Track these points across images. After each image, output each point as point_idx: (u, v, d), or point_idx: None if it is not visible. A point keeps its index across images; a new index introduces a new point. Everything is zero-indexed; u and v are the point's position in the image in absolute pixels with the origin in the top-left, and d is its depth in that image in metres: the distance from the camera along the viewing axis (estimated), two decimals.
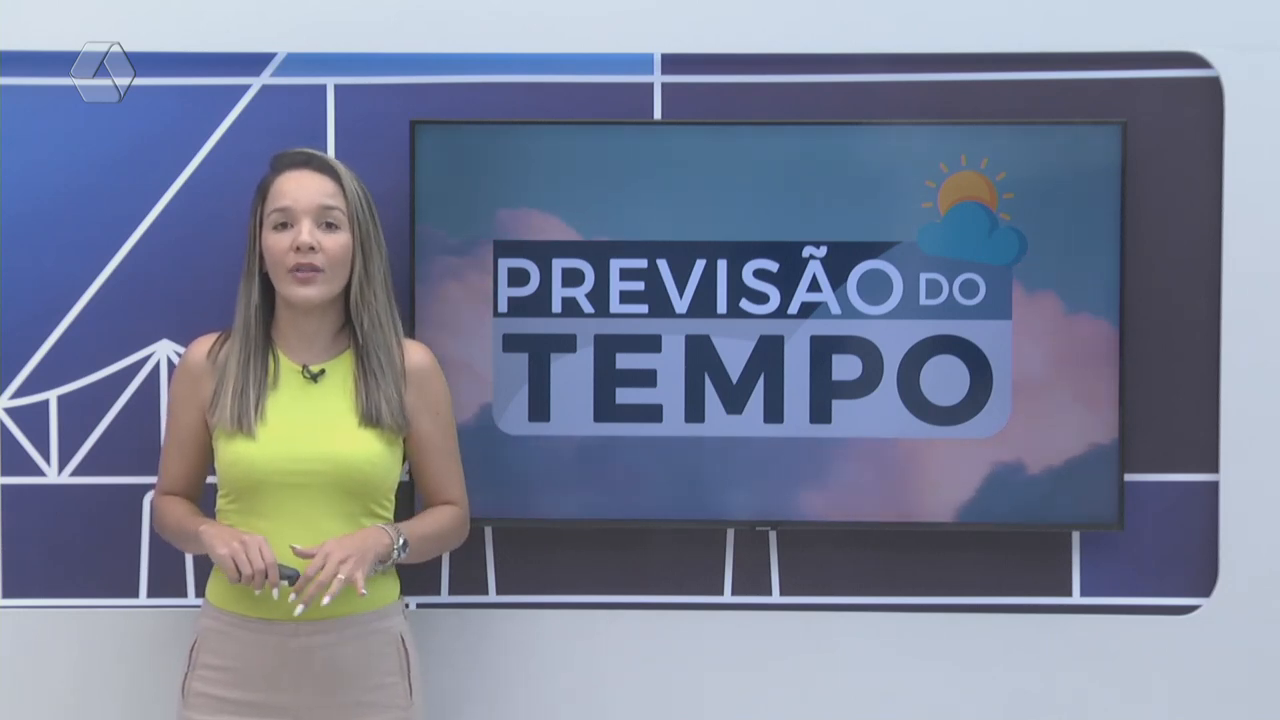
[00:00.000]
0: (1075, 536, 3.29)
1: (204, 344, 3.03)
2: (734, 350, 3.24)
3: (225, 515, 2.98)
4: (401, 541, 2.95)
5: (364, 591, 2.84)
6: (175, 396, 3.05)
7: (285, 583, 2.84)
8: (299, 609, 2.83)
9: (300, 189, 2.96)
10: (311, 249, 2.93)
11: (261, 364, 2.97)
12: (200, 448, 3.04)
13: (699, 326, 3.24)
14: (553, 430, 3.24)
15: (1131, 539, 3.29)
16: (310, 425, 2.96)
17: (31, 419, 3.27)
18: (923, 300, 3.23)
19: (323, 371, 3.00)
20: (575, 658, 3.30)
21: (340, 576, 2.83)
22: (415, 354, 3.05)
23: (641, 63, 3.27)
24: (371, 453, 2.96)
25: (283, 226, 2.95)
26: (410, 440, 3.03)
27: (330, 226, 2.96)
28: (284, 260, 2.94)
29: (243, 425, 2.94)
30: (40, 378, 3.27)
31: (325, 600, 2.83)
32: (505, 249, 3.23)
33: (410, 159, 3.21)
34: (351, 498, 2.95)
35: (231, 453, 2.94)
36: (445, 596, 3.31)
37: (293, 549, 2.86)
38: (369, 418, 2.96)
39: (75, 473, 3.28)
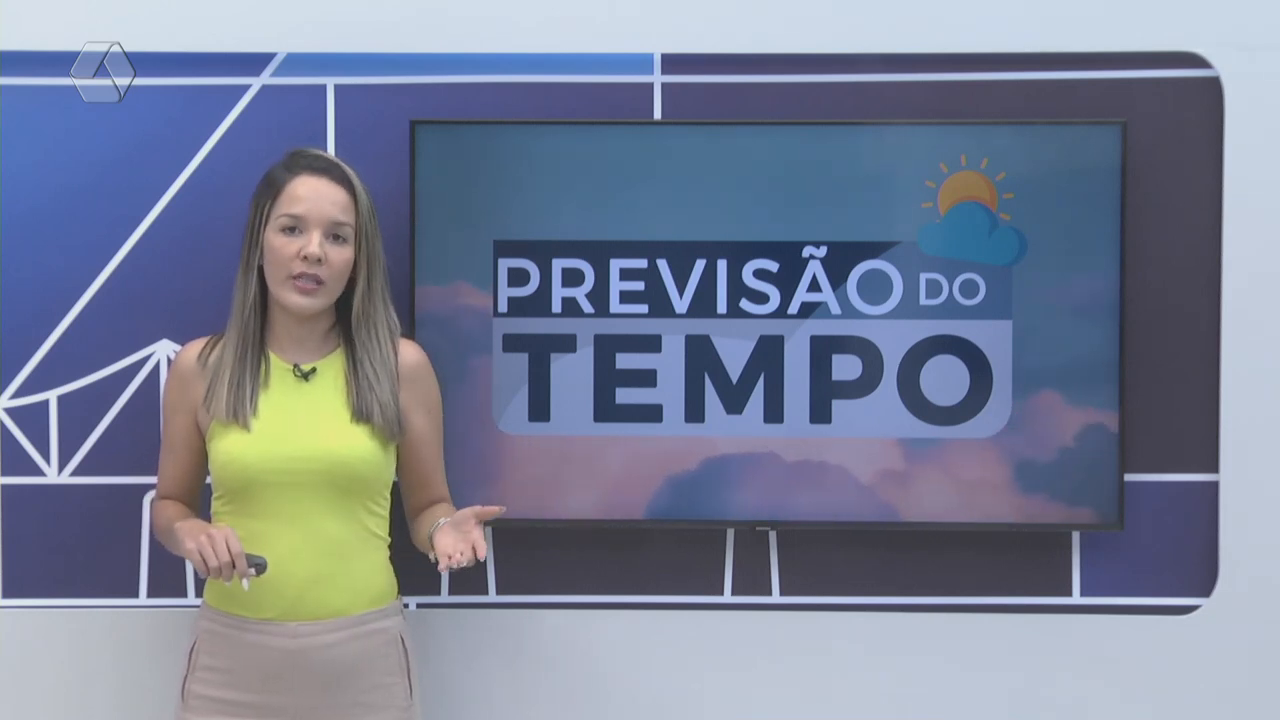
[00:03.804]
0: (1075, 536, 3.29)
1: (194, 348, 3.04)
2: (734, 350, 3.24)
3: (220, 517, 2.98)
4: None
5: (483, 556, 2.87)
6: (167, 400, 3.06)
7: (253, 571, 2.83)
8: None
9: (317, 197, 2.95)
10: (318, 261, 2.93)
11: (255, 360, 2.98)
12: (193, 451, 3.04)
13: (699, 326, 3.24)
14: (553, 430, 3.24)
15: (1131, 539, 3.28)
16: (302, 423, 2.96)
17: (31, 419, 3.27)
18: (923, 300, 3.23)
19: (314, 370, 3.00)
20: (575, 657, 3.30)
21: (480, 558, 2.86)
22: (408, 353, 3.05)
23: (641, 63, 3.27)
24: (364, 449, 2.96)
25: (291, 231, 2.95)
26: (403, 439, 3.03)
27: (338, 239, 2.96)
28: (288, 266, 2.94)
29: (238, 417, 2.94)
30: (40, 378, 3.27)
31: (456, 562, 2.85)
32: (505, 249, 3.24)
33: (410, 159, 3.21)
34: (346, 495, 2.95)
35: (224, 451, 2.94)
36: (445, 596, 3.31)
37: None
38: (360, 414, 2.96)
39: (75, 473, 3.28)
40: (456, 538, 2.88)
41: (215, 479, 2.99)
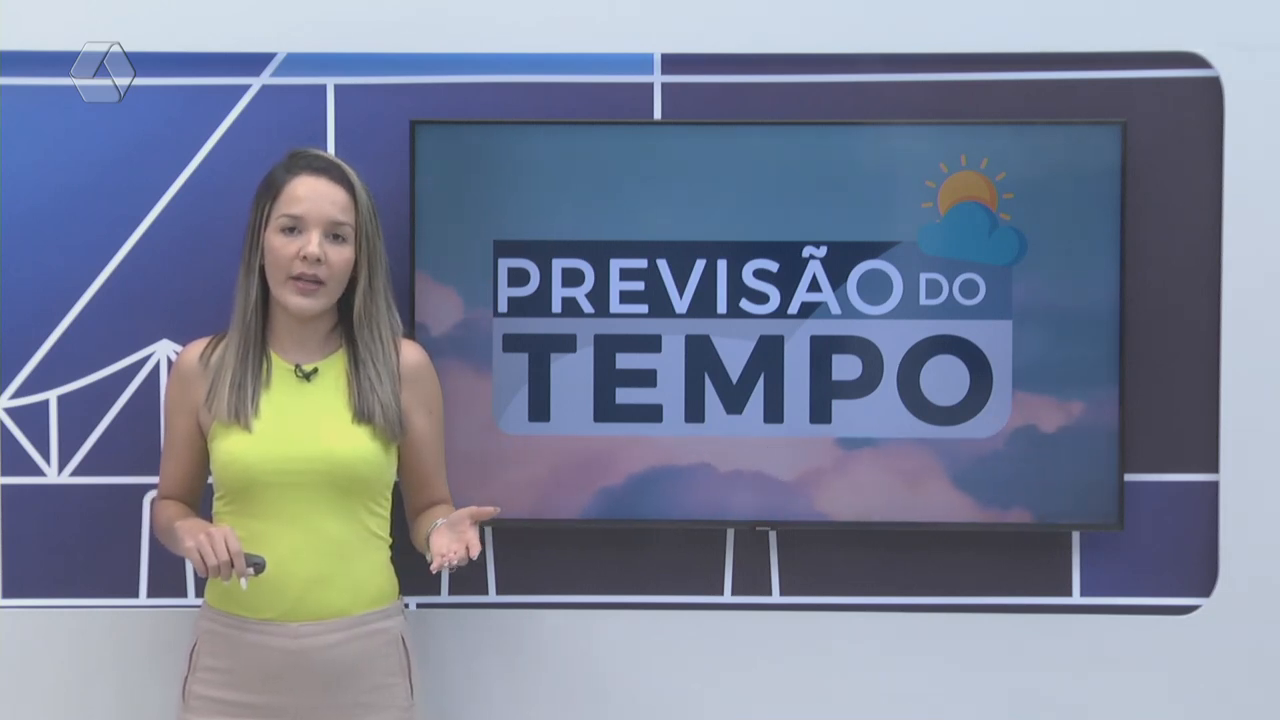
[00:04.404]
0: (1075, 536, 3.29)
1: (196, 348, 3.04)
2: (734, 350, 3.24)
3: (221, 517, 2.98)
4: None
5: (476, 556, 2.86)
6: (169, 401, 3.06)
7: (252, 571, 2.83)
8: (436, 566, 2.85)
9: (316, 197, 2.95)
10: (318, 260, 2.93)
11: (258, 360, 2.98)
12: (195, 451, 3.03)
13: (699, 326, 3.24)
14: (553, 430, 3.24)
15: (1131, 539, 3.29)
16: (303, 423, 2.96)
17: (31, 419, 3.27)
18: (923, 300, 3.23)
19: (315, 370, 3.00)
20: (575, 657, 3.30)
21: (474, 557, 2.85)
22: (410, 353, 3.05)
23: (641, 63, 3.27)
24: (365, 450, 2.96)
25: (290, 231, 2.95)
26: (404, 439, 3.03)
27: (337, 239, 2.95)
28: (287, 266, 2.94)
29: (240, 417, 2.94)
30: (40, 378, 3.27)
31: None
32: (505, 249, 3.24)
33: (410, 159, 3.21)
34: (347, 496, 2.95)
35: (226, 452, 2.94)
36: (445, 596, 3.31)
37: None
38: (362, 415, 2.96)
39: (75, 473, 3.28)
40: (451, 538, 2.88)
41: (217, 479, 2.99)
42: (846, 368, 3.24)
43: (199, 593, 3.23)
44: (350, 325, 3.00)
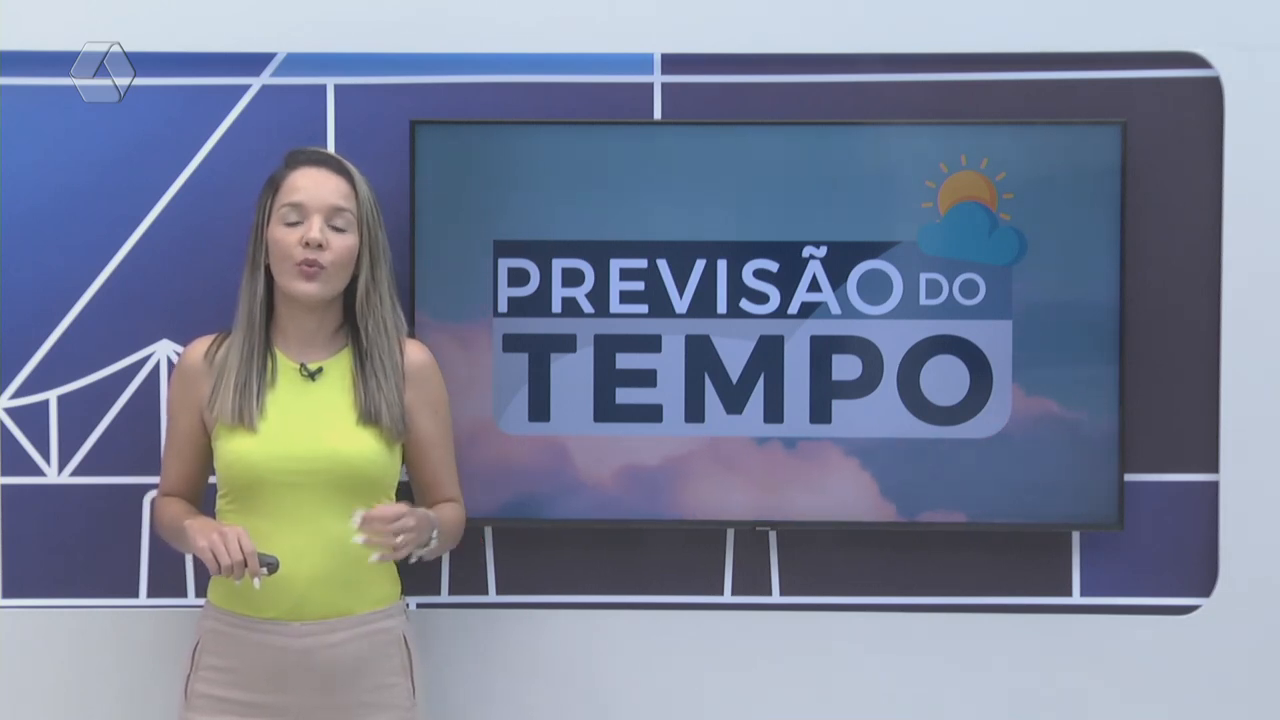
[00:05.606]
0: (1075, 536, 3.29)
1: (200, 346, 3.04)
2: (734, 350, 3.24)
3: (225, 515, 2.98)
4: (435, 533, 2.95)
5: (376, 559, 2.84)
6: (172, 399, 3.06)
7: (265, 571, 2.83)
8: (359, 538, 2.82)
9: (315, 186, 2.96)
10: (320, 245, 2.93)
11: (262, 360, 2.98)
12: (198, 450, 3.04)
13: (699, 326, 3.24)
14: (553, 430, 3.24)
15: (1131, 539, 3.29)
16: (308, 423, 2.96)
17: (31, 419, 3.27)
18: (923, 300, 3.23)
19: (320, 370, 3.00)
20: (575, 658, 3.30)
21: (398, 540, 2.82)
22: (414, 352, 3.05)
23: (641, 63, 3.28)
24: (370, 450, 2.96)
25: (293, 223, 2.95)
26: (409, 439, 3.03)
27: (339, 228, 2.96)
28: (291, 254, 2.94)
29: (244, 419, 2.94)
30: (40, 378, 3.27)
31: (374, 558, 2.83)
32: (505, 249, 3.24)
33: (410, 159, 3.21)
34: (351, 496, 2.95)
35: (230, 451, 2.94)
36: (445, 596, 3.31)
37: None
38: (368, 415, 2.96)
39: (75, 473, 3.28)
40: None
41: (221, 478, 2.99)
42: (846, 368, 3.24)
43: (199, 592, 3.23)
44: (354, 321, 3.00)
